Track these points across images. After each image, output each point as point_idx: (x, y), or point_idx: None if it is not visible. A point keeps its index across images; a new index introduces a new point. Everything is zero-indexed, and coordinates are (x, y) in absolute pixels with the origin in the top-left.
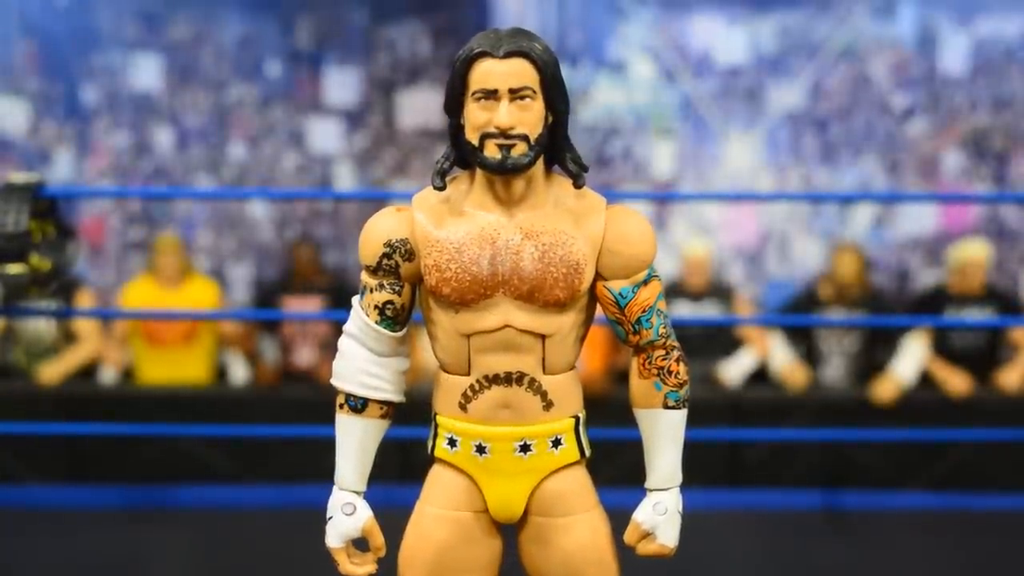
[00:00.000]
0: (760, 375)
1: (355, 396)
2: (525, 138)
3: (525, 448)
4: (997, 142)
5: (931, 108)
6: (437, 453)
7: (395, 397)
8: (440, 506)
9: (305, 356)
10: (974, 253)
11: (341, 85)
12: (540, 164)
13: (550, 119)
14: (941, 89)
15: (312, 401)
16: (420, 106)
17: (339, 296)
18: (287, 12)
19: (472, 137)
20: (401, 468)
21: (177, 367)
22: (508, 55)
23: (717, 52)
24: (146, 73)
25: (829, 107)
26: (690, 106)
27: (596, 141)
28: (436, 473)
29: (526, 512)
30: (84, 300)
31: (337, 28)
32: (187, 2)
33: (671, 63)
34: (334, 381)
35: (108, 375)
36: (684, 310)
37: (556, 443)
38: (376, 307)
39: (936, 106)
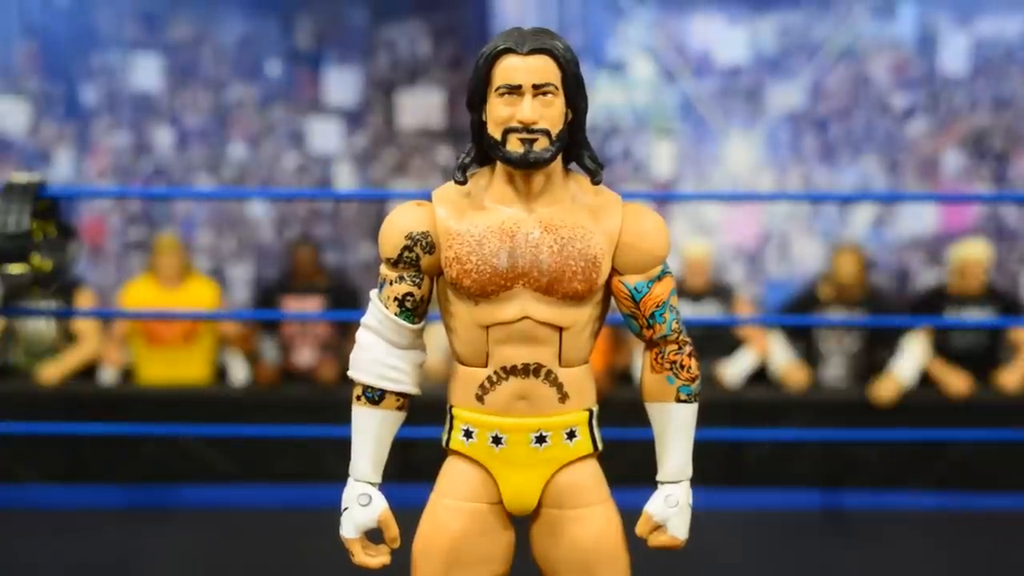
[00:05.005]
0: (760, 375)
1: (373, 388)
2: (547, 133)
3: (541, 439)
4: (997, 142)
5: (931, 108)
6: (452, 445)
7: (412, 389)
8: (456, 497)
9: (305, 356)
10: (974, 253)
11: (341, 85)
12: (559, 160)
13: (570, 116)
14: (941, 89)
15: (312, 401)
16: (420, 106)
17: (339, 296)
18: (287, 12)
19: (495, 132)
20: (401, 468)
21: (177, 367)
22: (532, 52)
23: (717, 52)
24: (146, 73)
25: (829, 107)
26: (690, 106)
27: (596, 141)
28: (451, 465)
29: (539, 504)
30: (84, 300)
31: (337, 28)
32: (187, 2)
33: (671, 63)
34: (352, 373)
35: (108, 375)
36: (684, 310)
37: (571, 435)
38: (396, 299)
39: (936, 106)
